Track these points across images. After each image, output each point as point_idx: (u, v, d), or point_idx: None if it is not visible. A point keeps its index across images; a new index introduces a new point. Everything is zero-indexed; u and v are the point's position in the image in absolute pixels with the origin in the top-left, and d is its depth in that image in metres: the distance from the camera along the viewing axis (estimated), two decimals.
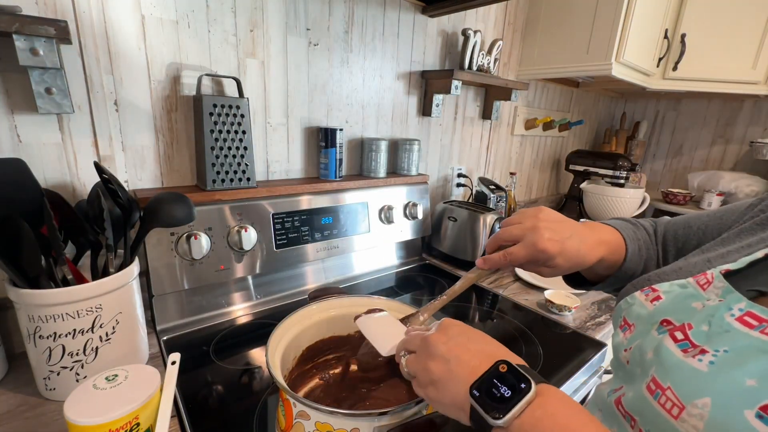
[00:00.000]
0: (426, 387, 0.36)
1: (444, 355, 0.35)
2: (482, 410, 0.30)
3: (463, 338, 0.36)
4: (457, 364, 0.34)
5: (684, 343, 0.31)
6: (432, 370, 0.35)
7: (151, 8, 0.71)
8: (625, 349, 0.38)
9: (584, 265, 0.47)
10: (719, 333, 0.30)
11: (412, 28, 1.12)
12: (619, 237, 0.51)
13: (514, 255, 0.47)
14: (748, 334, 0.29)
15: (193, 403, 0.59)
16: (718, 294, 0.33)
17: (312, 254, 0.94)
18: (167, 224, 0.65)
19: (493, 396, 0.30)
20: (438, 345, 0.36)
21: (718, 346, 0.29)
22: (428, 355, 0.36)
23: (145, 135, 0.75)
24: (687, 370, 0.30)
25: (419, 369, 0.36)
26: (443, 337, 0.37)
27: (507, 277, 1.14)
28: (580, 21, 1.30)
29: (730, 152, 1.87)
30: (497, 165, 1.61)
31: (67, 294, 0.53)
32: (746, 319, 0.29)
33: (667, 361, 0.32)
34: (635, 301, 0.39)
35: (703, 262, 0.39)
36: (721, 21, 1.40)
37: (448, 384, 0.34)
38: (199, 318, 0.81)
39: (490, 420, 0.29)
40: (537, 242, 0.45)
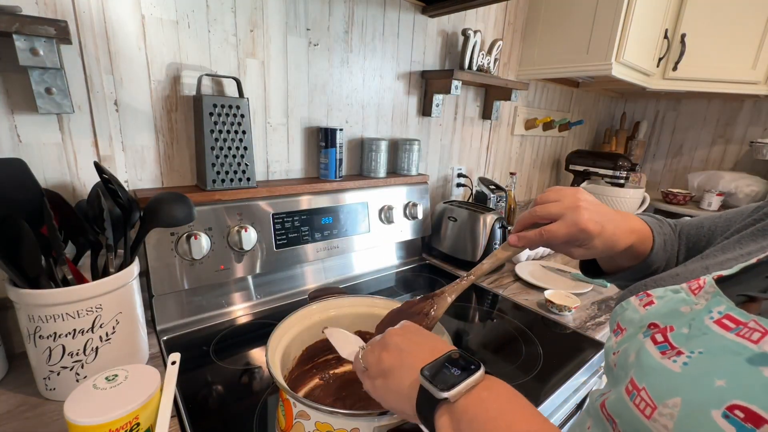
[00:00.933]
0: (375, 378, 0.36)
1: (398, 345, 0.36)
2: (430, 384, 0.30)
3: (418, 336, 0.38)
4: (409, 354, 0.35)
5: (663, 345, 0.32)
6: (384, 360, 0.36)
7: (151, 8, 0.71)
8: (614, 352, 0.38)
9: (616, 249, 0.46)
10: (697, 335, 0.30)
11: (412, 28, 1.12)
12: (647, 228, 0.50)
13: (552, 233, 0.45)
14: (723, 336, 0.29)
15: (193, 403, 0.59)
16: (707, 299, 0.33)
17: (312, 254, 0.94)
18: (167, 224, 0.65)
19: (443, 375, 0.31)
20: (393, 337, 0.38)
21: (694, 348, 0.30)
22: (383, 345, 0.37)
23: (145, 135, 0.75)
24: (661, 371, 0.30)
25: (373, 359, 0.37)
26: (401, 331, 0.38)
27: (507, 276, 1.14)
28: (580, 21, 1.30)
29: (730, 152, 1.87)
30: (497, 165, 1.61)
31: (67, 294, 0.53)
32: (724, 322, 0.30)
33: (645, 363, 0.32)
34: (629, 306, 0.39)
35: (701, 269, 0.39)
36: (721, 21, 1.40)
37: (397, 372, 0.34)
38: (199, 318, 0.81)
39: (438, 392, 0.29)
40: (579, 221, 0.43)
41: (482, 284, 1.08)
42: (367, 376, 0.38)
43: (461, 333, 0.85)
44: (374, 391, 0.36)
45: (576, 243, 0.45)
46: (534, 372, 0.72)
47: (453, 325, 0.87)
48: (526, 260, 1.26)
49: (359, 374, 0.40)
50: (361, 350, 0.40)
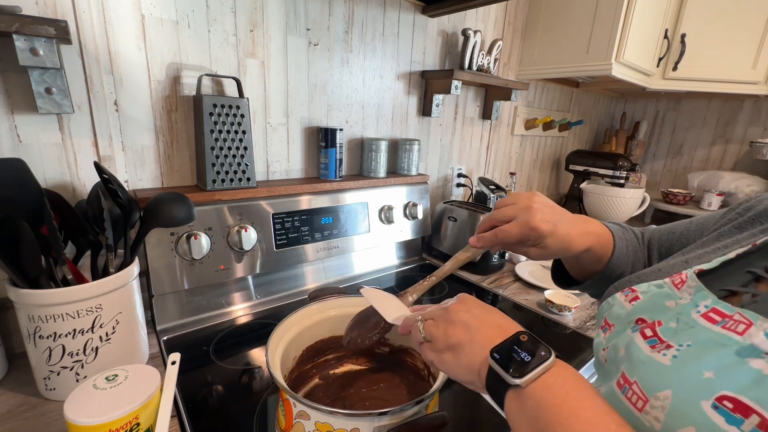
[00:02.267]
0: (442, 352, 0.36)
1: (465, 321, 0.36)
2: (502, 369, 0.30)
3: (482, 311, 0.37)
4: (478, 331, 0.35)
5: (652, 340, 0.33)
6: (452, 335, 0.36)
7: (151, 8, 0.71)
8: (604, 348, 0.39)
9: (572, 250, 0.48)
10: (685, 329, 0.31)
11: (412, 28, 1.12)
12: (607, 232, 0.51)
13: (506, 232, 0.47)
14: (710, 329, 0.30)
15: (193, 403, 0.59)
16: (690, 293, 0.34)
17: (312, 254, 0.94)
18: (167, 224, 0.65)
19: (512, 359, 0.31)
20: (459, 313, 0.37)
21: (682, 341, 0.31)
22: (448, 321, 0.37)
23: (145, 135, 0.75)
24: (652, 365, 0.31)
25: (438, 333, 0.37)
26: (464, 307, 0.38)
27: (507, 276, 1.14)
28: (580, 21, 1.30)
29: (730, 152, 1.87)
30: (497, 165, 1.61)
31: (67, 294, 0.53)
32: (710, 315, 0.31)
33: (636, 357, 0.33)
34: (615, 302, 0.40)
35: (681, 263, 0.40)
36: (721, 21, 1.40)
37: (467, 348, 0.34)
38: (199, 318, 0.81)
39: (510, 379, 0.30)
40: (530, 221, 0.45)
41: (482, 284, 1.08)
42: (430, 348, 0.38)
43: None
44: (442, 364, 0.36)
45: (529, 242, 0.47)
46: None
47: None
48: (525, 260, 1.26)
49: (416, 344, 0.40)
50: (420, 322, 0.40)
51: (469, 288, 1.06)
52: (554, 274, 0.61)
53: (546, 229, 0.45)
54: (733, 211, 0.44)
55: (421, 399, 0.40)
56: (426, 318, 0.40)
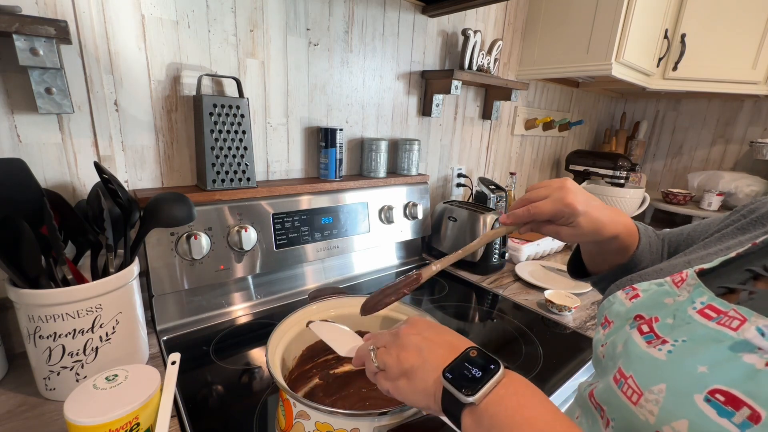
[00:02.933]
0: (397, 379, 0.36)
1: (417, 344, 0.36)
2: (455, 389, 0.31)
3: (432, 332, 0.38)
4: (430, 352, 0.35)
5: (649, 335, 0.33)
6: (404, 360, 0.36)
7: (151, 8, 0.71)
8: (602, 344, 0.40)
9: (603, 233, 0.47)
10: (681, 325, 0.32)
11: (412, 28, 1.12)
12: (633, 225, 0.51)
13: (539, 207, 0.47)
14: (705, 325, 0.30)
15: (193, 403, 0.59)
16: (689, 291, 0.34)
17: (312, 254, 0.94)
18: (167, 224, 0.65)
19: (464, 376, 0.31)
20: (410, 336, 0.37)
21: (678, 337, 0.31)
22: (400, 346, 0.37)
23: (145, 135, 0.75)
24: (648, 360, 0.32)
25: (391, 360, 0.37)
26: (414, 330, 0.38)
27: (507, 276, 1.14)
28: (580, 21, 1.30)
29: (730, 152, 1.87)
30: (497, 165, 1.61)
31: (67, 294, 0.53)
32: (706, 312, 0.31)
33: (632, 352, 0.33)
34: (616, 300, 0.41)
35: (683, 264, 0.40)
36: (721, 21, 1.40)
37: (420, 371, 0.34)
38: (199, 318, 0.81)
39: (463, 398, 0.30)
40: (564, 197, 0.45)
41: (482, 284, 1.08)
42: (384, 377, 0.37)
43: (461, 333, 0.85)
44: (397, 391, 0.36)
45: (562, 220, 0.47)
46: (534, 372, 0.72)
47: (453, 325, 0.87)
48: (525, 260, 1.26)
49: (371, 374, 0.39)
50: (372, 351, 0.39)
51: (469, 288, 1.06)
52: (571, 263, 0.61)
53: (580, 207, 0.45)
54: (736, 213, 0.44)
55: None
56: (378, 346, 0.39)
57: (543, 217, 0.47)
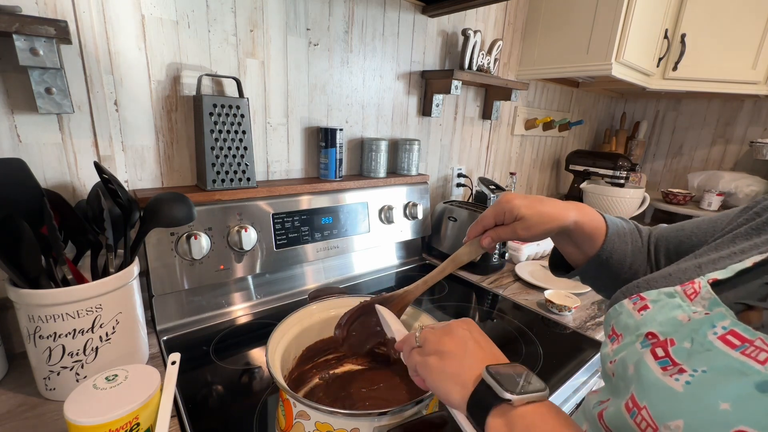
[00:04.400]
0: (429, 355, 0.36)
1: (463, 337, 0.36)
2: (496, 383, 0.30)
3: (483, 337, 0.38)
4: (473, 350, 0.35)
5: (664, 361, 0.31)
6: (445, 343, 0.36)
7: (151, 8, 0.71)
8: (611, 360, 0.38)
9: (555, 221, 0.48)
10: (700, 351, 0.29)
11: (412, 28, 1.12)
12: (598, 215, 0.52)
13: (483, 217, 0.50)
14: (728, 354, 0.28)
15: (193, 403, 0.59)
16: (705, 306, 0.32)
17: (312, 254, 0.94)
18: (167, 224, 0.65)
19: (508, 379, 0.31)
20: (459, 329, 0.38)
21: (696, 366, 0.28)
22: (447, 331, 0.37)
23: (145, 135, 0.75)
24: (663, 390, 0.29)
25: (433, 338, 0.37)
26: (466, 326, 0.38)
27: (507, 276, 1.14)
28: (580, 21, 1.30)
29: (730, 152, 1.87)
30: (497, 165, 1.61)
31: (67, 294, 0.53)
32: (729, 338, 0.28)
33: (646, 379, 0.31)
34: (623, 310, 0.39)
35: (693, 268, 0.38)
36: (721, 21, 1.40)
37: (458, 359, 0.34)
38: (199, 318, 0.81)
39: (502, 392, 0.30)
40: (501, 198, 0.49)
41: (482, 284, 1.08)
42: (418, 352, 0.37)
43: None
44: (424, 367, 0.36)
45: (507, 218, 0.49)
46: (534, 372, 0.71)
47: None
48: (525, 260, 1.26)
49: (406, 352, 0.39)
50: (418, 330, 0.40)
51: (470, 288, 1.06)
52: (552, 263, 0.61)
53: (517, 201, 0.47)
54: (749, 211, 0.41)
55: (421, 399, 0.40)
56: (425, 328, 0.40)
57: (490, 221, 0.50)
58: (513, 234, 0.49)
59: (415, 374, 0.38)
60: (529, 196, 0.49)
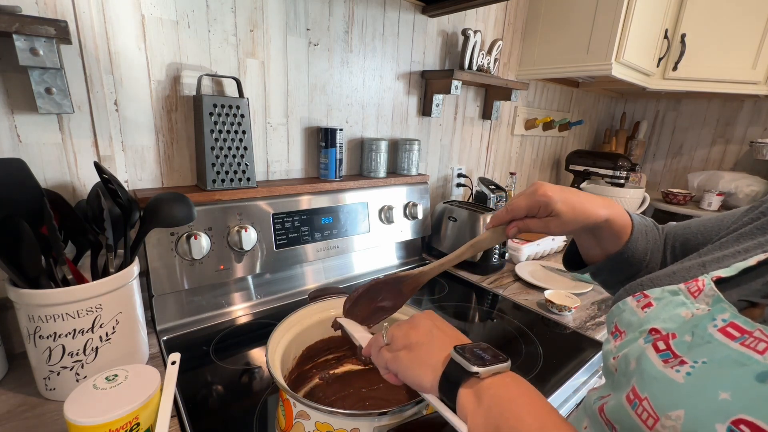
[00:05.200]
0: (398, 351, 0.37)
1: (427, 326, 0.38)
2: (463, 359, 0.32)
3: (444, 324, 0.40)
4: (438, 336, 0.37)
5: (665, 354, 0.31)
6: (412, 335, 0.38)
7: (151, 8, 0.71)
8: (614, 357, 0.38)
9: (589, 218, 0.47)
10: (701, 344, 0.30)
11: (412, 28, 1.12)
12: (623, 210, 0.51)
13: (514, 204, 0.48)
14: (727, 345, 0.28)
15: (193, 403, 0.59)
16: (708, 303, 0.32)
17: (312, 254, 0.94)
18: (167, 224, 0.65)
19: (474, 355, 0.33)
20: (423, 320, 0.40)
21: (697, 358, 0.29)
22: (411, 324, 0.39)
23: (145, 135, 0.75)
24: (664, 381, 0.30)
25: (399, 333, 0.39)
26: (428, 316, 0.40)
27: (507, 276, 1.14)
28: (580, 21, 1.30)
29: (730, 152, 1.87)
30: (497, 165, 1.61)
31: (67, 294, 0.53)
32: (728, 330, 0.29)
33: (647, 372, 0.31)
34: (626, 307, 0.39)
35: (697, 267, 0.38)
36: (721, 21, 1.40)
37: (425, 347, 0.36)
38: (199, 318, 0.81)
39: (469, 366, 0.32)
40: (537, 189, 0.46)
41: (482, 284, 1.08)
42: (387, 349, 0.39)
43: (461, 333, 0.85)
44: (395, 362, 0.37)
45: (541, 212, 0.47)
46: (534, 372, 0.72)
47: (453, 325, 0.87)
48: (525, 260, 1.26)
49: (375, 353, 0.40)
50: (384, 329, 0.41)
51: (470, 288, 1.06)
52: (567, 258, 0.60)
53: (554, 195, 0.45)
54: (755, 210, 0.41)
55: (421, 399, 0.40)
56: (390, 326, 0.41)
57: (521, 212, 0.48)
58: (545, 229, 0.48)
59: (386, 371, 0.39)
60: (564, 189, 0.47)
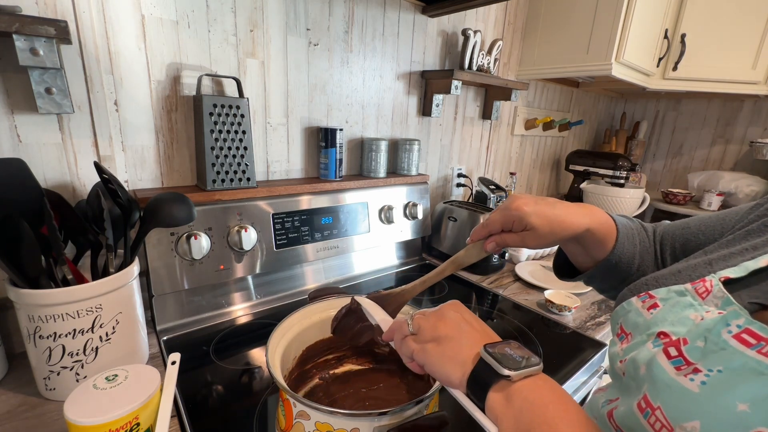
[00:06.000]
0: (426, 342, 0.36)
1: (456, 320, 0.37)
2: (495, 361, 0.31)
3: (473, 317, 0.39)
4: (468, 331, 0.36)
5: (678, 360, 0.30)
6: (441, 327, 0.36)
7: (151, 8, 0.71)
8: (621, 360, 0.37)
9: (565, 230, 0.46)
10: (715, 351, 0.28)
11: (412, 28, 1.12)
12: (608, 217, 0.50)
13: (490, 220, 0.48)
14: (744, 353, 0.27)
15: (193, 403, 0.59)
16: (717, 305, 0.31)
17: (312, 254, 0.94)
18: (167, 224, 0.65)
19: (505, 355, 0.32)
20: (450, 312, 0.38)
21: (712, 366, 0.28)
22: (439, 316, 0.38)
23: (145, 135, 0.75)
24: (678, 390, 0.29)
25: (427, 325, 0.37)
26: (455, 308, 0.39)
27: (507, 276, 1.14)
28: (580, 21, 1.30)
29: (730, 152, 1.87)
30: (497, 165, 1.61)
31: (67, 294, 0.53)
32: (744, 337, 0.28)
33: (659, 379, 0.31)
34: (632, 308, 0.38)
35: (704, 265, 0.37)
36: (721, 21, 1.40)
37: (455, 341, 0.35)
38: (199, 318, 0.81)
39: (500, 369, 0.31)
40: (511, 203, 0.46)
41: (482, 284, 1.08)
42: (413, 339, 0.38)
43: None
44: (423, 353, 0.36)
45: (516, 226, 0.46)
46: None
47: None
48: (525, 260, 1.26)
49: (399, 341, 0.39)
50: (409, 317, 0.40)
51: (469, 288, 1.06)
52: (557, 267, 0.59)
53: (527, 208, 0.45)
54: (762, 207, 0.40)
55: (421, 399, 0.40)
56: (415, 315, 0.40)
57: (496, 226, 0.47)
58: (521, 243, 0.47)
59: (410, 360, 0.38)
60: (539, 201, 0.46)
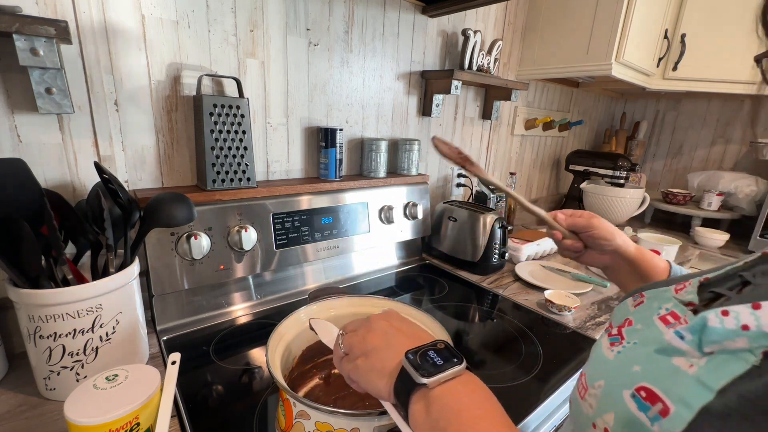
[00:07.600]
0: (356, 359, 0.36)
1: (384, 329, 0.37)
2: (413, 369, 0.31)
3: (402, 323, 0.38)
4: (395, 338, 0.36)
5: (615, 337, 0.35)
6: (369, 341, 0.36)
7: (151, 8, 0.71)
8: None
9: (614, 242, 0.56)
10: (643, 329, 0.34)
11: (412, 28, 1.12)
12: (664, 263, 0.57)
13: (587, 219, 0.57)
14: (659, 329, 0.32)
15: (193, 403, 0.59)
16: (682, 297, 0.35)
17: (312, 254, 0.94)
18: (167, 224, 0.65)
19: (426, 361, 0.32)
20: (379, 322, 0.38)
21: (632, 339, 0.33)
22: (367, 328, 0.38)
23: (145, 135, 0.75)
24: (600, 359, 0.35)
25: (355, 341, 0.37)
26: (384, 317, 0.39)
27: (507, 276, 1.14)
28: (580, 21, 1.30)
29: (730, 152, 1.87)
30: (497, 165, 1.61)
31: (67, 294, 0.53)
32: (667, 317, 0.32)
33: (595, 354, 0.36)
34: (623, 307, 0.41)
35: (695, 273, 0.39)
36: (721, 21, 1.40)
37: (382, 352, 0.35)
38: (199, 318, 0.81)
39: (417, 377, 0.30)
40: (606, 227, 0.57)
41: (482, 284, 1.08)
42: (347, 359, 0.37)
43: (461, 333, 0.85)
44: (355, 371, 0.36)
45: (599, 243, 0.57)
46: (534, 372, 0.72)
47: (453, 325, 0.87)
48: (525, 260, 1.26)
49: (337, 362, 0.39)
50: (340, 335, 0.39)
51: (469, 288, 1.06)
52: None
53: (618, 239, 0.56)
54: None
55: None
56: (347, 331, 0.39)
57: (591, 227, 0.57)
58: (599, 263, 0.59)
59: (350, 381, 0.37)
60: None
